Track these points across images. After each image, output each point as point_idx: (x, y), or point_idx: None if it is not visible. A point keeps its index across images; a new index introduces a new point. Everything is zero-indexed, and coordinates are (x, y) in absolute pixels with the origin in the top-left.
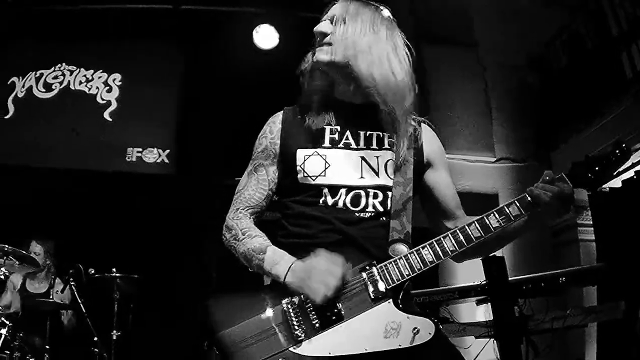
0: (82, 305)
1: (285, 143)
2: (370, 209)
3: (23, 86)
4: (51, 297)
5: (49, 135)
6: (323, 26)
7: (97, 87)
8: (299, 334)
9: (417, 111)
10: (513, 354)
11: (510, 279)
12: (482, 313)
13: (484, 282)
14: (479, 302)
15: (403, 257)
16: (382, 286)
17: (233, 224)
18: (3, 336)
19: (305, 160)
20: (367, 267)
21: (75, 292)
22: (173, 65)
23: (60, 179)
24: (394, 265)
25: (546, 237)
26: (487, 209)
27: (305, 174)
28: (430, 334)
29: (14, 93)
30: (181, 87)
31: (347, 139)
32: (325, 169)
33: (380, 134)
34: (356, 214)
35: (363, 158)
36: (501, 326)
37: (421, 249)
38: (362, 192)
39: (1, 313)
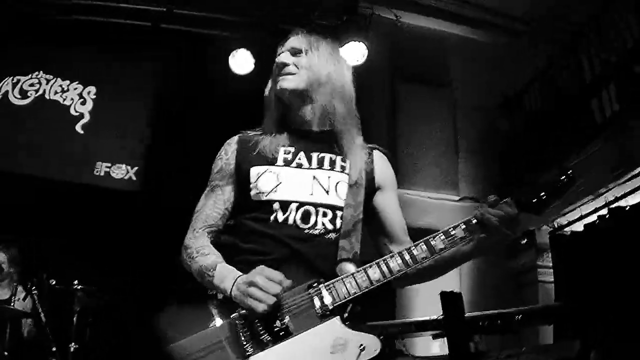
0: (42, 315)
1: (240, 162)
2: (319, 226)
3: None
4: (12, 304)
5: (19, 142)
6: (284, 57)
7: (72, 99)
8: (247, 349)
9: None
10: None
11: (467, 314)
12: (438, 347)
13: (441, 317)
14: (435, 337)
15: (350, 275)
16: (329, 303)
17: (189, 243)
18: None
19: (258, 178)
20: (315, 284)
21: (37, 301)
22: (147, 83)
23: (27, 186)
24: (342, 283)
25: (507, 278)
26: None
27: (258, 190)
28: (375, 350)
29: None
30: (153, 106)
31: (299, 159)
32: (277, 185)
33: (333, 156)
34: (305, 231)
35: (314, 177)
36: None
37: (368, 268)
38: (312, 209)
39: None
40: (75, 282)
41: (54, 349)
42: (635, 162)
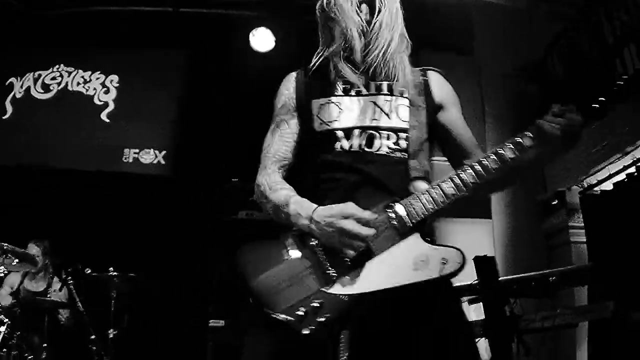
0: (79, 304)
1: (301, 96)
2: (385, 149)
3: (21, 87)
4: (49, 295)
5: (46, 136)
6: None
7: (95, 89)
8: (332, 273)
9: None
10: (504, 353)
11: (501, 278)
12: (473, 313)
13: (476, 282)
14: (470, 302)
15: (426, 192)
16: (407, 220)
17: (262, 180)
18: (2, 334)
19: (320, 109)
20: (391, 204)
21: (74, 291)
22: (170, 67)
23: (57, 179)
24: (418, 200)
25: (539, 240)
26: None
27: (321, 121)
28: (458, 263)
29: (12, 94)
30: (178, 89)
31: (358, 87)
32: (339, 114)
33: (392, 83)
34: (373, 152)
35: (375, 103)
36: (492, 325)
37: (442, 183)
38: (376, 133)
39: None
40: (111, 269)
41: (93, 336)
42: None
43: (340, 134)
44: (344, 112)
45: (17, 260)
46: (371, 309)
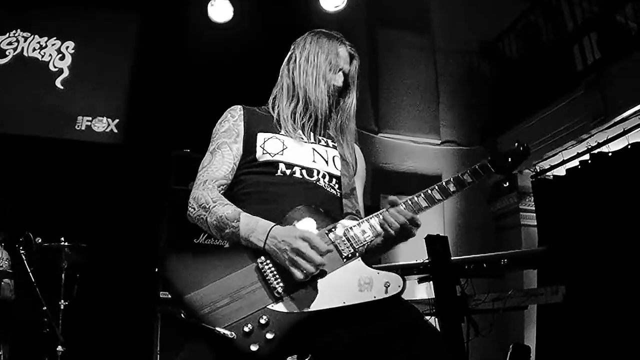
0: (31, 274)
1: (248, 125)
2: (322, 182)
3: None
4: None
5: (0, 101)
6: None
7: (50, 55)
8: (280, 291)
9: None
10: (454, 332)
11: (452, 258)
12: (423, 291)
13: (427, 261)
14: (420, 280)
15: (365, 220)
16: (350, 246)
17: (201, 194)
18: None
19: (265, 141)
20: (333, 229)
21: (25, 261)
22: (126, 35)
23: (9, 144)
24: (358, 227)
25: (489, 221)
26: None
27: (265, 152)
28: (399, 286)
29: None
30: (133, 57)
31: (299, 134)
32: (283, 149)
33: (327, 139)
34: (313, 182)
35: (314, 149)
36: (443, 304)
37: (381, 213)
38: (315, 171)
39: None
40: (62, 239)
41: (44, 307)
42: (617, 109)
43: (282, 166)
44: (288, 149)
45: None
46: (318, 327)
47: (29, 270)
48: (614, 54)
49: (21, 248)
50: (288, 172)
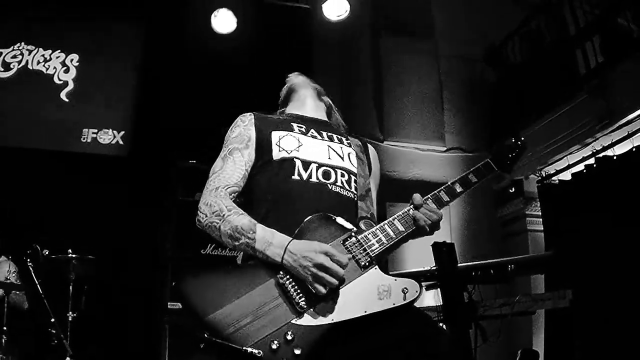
0: (39, 286)
1: (260, 128)
2: (339, 183)
3: None
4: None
5: (5, 114)
6: None
7: (55, 67)
8: (302, 305)
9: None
10: (462, 338)
11: (459, 265)
12: (431, 299)
13: (434, 268)
14: (428, 288)
15: (379, 228)
16: (367, 254)
17: (214, 201)
18: None
19: (280, 139)
20: (349, 238)
21: (32, 273)
22: (131, 47)
23: (15, 157)
24: (373, 235)
25: (495, 227)
26: None
27: (281, 149)
28: (417, 292)
29: None
30: (138, 69)
31: (312, 132)
32: (299, 146)
33: (340, 136)
34: (329, 186)
35: (329, 146)
36: (451, 311)
37: (393, 220)
38: (332, 170)
39: None
40: (69, 250)
41: (52, 319)
42: (621, 112)
43: (299, 163)
44: (303, 146)
45: None
46: (343, 338)
47: (37, 283)
48: (617, 57)
49: (29, 260)
50: (305, 175)
